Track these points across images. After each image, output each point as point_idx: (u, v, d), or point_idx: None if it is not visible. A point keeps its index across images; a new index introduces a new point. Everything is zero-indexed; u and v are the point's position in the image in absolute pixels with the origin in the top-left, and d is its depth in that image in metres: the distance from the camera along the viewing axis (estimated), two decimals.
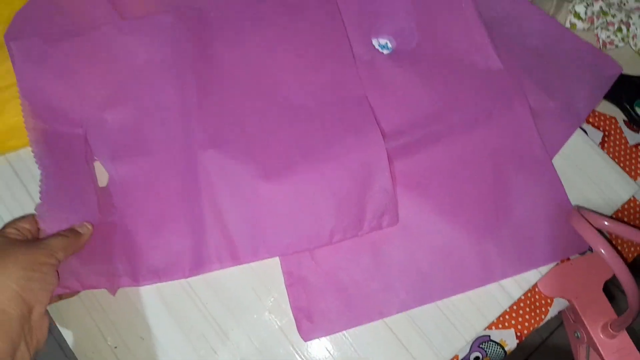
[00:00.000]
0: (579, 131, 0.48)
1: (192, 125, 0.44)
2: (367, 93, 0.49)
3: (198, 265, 0.42)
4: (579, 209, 0.42)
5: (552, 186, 0.46)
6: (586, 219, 0.40)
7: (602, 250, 0.38)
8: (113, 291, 0.42)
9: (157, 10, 0.49)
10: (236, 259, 0.42)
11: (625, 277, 0.37)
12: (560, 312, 0.46)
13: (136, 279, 0.41)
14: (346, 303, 0.42)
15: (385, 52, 0.51)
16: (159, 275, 0.41)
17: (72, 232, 0.38)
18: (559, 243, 0.44)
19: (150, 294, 0.42)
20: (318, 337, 0.42)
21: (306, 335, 0.42)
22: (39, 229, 0.39)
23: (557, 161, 0.48)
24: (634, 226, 0.41)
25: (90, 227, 0.40)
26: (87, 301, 0.43)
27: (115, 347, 0.42)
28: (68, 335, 0.42)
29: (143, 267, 0.41)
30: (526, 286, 0.44)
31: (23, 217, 0.39)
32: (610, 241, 0.47)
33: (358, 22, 0.52)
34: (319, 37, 0.49)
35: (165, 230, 0.42)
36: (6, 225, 0.38)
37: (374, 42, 0.51)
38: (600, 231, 0.39)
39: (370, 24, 0.51)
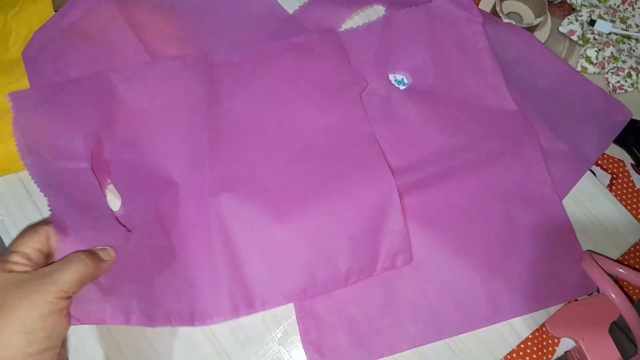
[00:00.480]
0: (588, 173, 0.49)
1: (204, 169, 0.45)
2: (382, 127, 0.50)
3: (210, 314, 0.41)
4: (591, 253, 0.43)
5: (562, 228, 0.47)
6: (598, 264, 0.41)
7: (614, 296, 0.39)
8: None
9: (182, 47, 0.50)
10: (251, 307, 0.42)
11: (635, 323, 0.38)
12: (566, 352, 0.46)
13: (150, 320, 0.40)
14: (357, 338, 0.43)
15: (401, 87, 0.52)
16: (170, 320, 0.41)
17: (92, 256, 0.34)
18: (568, 284, 0.45)
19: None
20: None
21: None
22: (51, 245, 0.34)
23: (566, 202, 0.48)
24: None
25: (113, 253, 0.36)
26: (95, 328, 0.43)
27: None
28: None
29: (158, 309, 0.41)
30: (534, 325, 0.44)
31: (34, 231, 0.34)
32: (617, 283, 0.47)
33: (375, 56, 0.53)
34: (325, 77, 0.50)
35: (179, 274, 0.42)
36: (14, 245, 0.33)
37: (391, 77, 0.52)
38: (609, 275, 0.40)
39: (387, 59, 0.52)
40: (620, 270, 0.41)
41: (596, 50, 0.53)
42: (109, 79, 0.46)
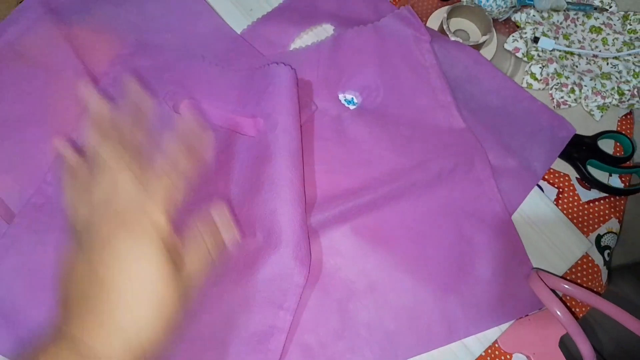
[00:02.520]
0: (535, 189, 0.50)
1: None
2: (334, 148, 0.49)
3: None
4: (537, 271, 0.44)
5: (513, 244, 0.47)
6: (543, 281, 0.41)
7: (558, 312, 0.40)
8: None
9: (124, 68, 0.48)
10: None
11: (579, 338, 0.39)
12: None
13: None
14: None
15: (351, 107, 0.51)
16: None
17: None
18: (520, 300, 0.46)
19: None
20: None
21: None
22: None
23: (515, 218, 0.49)
24: (587, 288, 0.43)
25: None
26: None
27: None
28: None
29: None
30: (487, 343, 0.45)
31: None
32: (562, 299, 0.48)
33: (325, 76, 0.52)
34: None
35: None
36: None
37: (340, 97, 0.52)
38: (554, 291, 0.41)
39: (338, 78, 0.52)
40: (566, 286, 0.41)
41: (540, 67, 0.55)
42: None
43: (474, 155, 0.50)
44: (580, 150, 0.53)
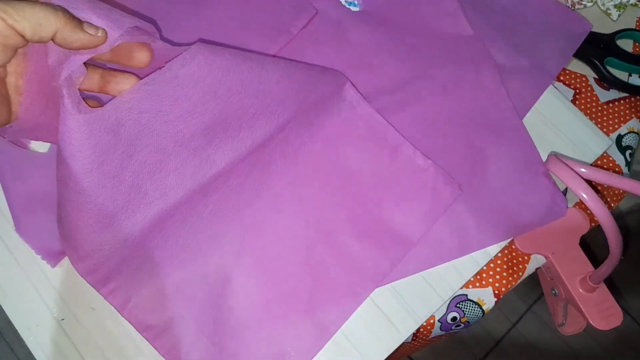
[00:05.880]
0: (551, 88, 0.47)
1: None
2: (334, 53, 0.47)
3: None
4: (557, 155, 0.41)
5: (526, 151, 0.44)
6: (565, 163, 0.39)
7: (584, 194, 0.37)
8: (53, 263, 0.39)
9: None
10: None
11: (606, 220, 0.36)
12: (536, 270, 0.44)
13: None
14: None
15: (352, 8, 0.49)
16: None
17: (71, 19, 0.26)
18: (537, 211, 0.43)
19: None
20: None
21: None
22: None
23: (530, 118, 0.46)
24: (611, 170, 0.40)
25: (102, 34, 0.27)
26: (28, 270, 0.39)
27: (62, 319, 0.38)
28: (7, 308, 0.38)
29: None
30: (503, 243, 0.42)
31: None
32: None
33: None
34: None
35: None
36: None
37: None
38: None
39: None
40: (585, 170, 0.39)
41: None
42: None
43: (482, 64, 0.47)
44: (598, 49, 0.49)
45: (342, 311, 0.39)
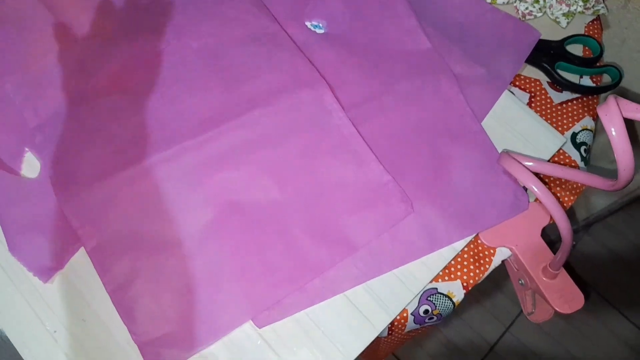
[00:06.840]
0: (507, 93, 0.51)
1: None
2: None
3: None
4: (507, 152, 0.44)
5: (486, 152, 0.48)
6: (516, 159, 0.42)
7: (533, 186, 0.40)
8: (45, 279, 0.41)
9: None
10: None
11: (554, 208, 0.39)
12: (503, 261, 0.47)
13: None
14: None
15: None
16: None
17: None
18: (502, 205, 0.46)
19: (91, 273, 0.41)
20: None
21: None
22: None
23: (489, 122, 0.50)
24: (557, 163, 0.43)
25: None
26: (20, 285, 0.41)
27: (55, 332, 0.40)
28: (2, 323, 0.40)
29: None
30: (468, 238, 0.45)
31: None
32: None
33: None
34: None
35: None
36: None
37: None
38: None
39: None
40: (532, 163, 0.41)
41: None
42: None
43: (440, 75, 0.50)
44: (548, 55, 0.53)
45: (277, 293, 0.42)
